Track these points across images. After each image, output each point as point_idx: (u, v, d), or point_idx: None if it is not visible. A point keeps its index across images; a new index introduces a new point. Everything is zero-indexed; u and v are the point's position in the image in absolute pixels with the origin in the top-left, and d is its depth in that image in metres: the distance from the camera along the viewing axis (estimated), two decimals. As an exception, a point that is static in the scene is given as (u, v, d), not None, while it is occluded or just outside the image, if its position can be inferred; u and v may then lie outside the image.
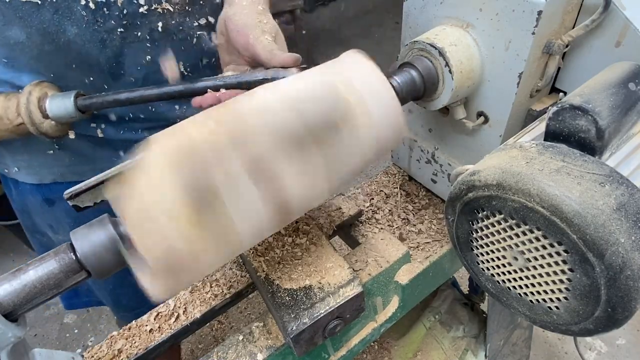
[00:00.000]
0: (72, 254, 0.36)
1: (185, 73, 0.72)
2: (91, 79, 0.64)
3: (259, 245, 0.56)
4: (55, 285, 0.35)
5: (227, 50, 0.62)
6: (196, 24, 0.70)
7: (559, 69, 0.53)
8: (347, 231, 0.70)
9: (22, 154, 0.71)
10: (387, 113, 0.43)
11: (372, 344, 0.99)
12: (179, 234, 0.33)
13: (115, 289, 0.89)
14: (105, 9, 0.60)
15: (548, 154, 0.35)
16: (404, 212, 0.72)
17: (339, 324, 0.50)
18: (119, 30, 0.62)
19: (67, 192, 0.42)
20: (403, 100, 0.49)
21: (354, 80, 0.42)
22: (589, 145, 0.38)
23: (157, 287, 0.35)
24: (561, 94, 0.54)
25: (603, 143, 0.37)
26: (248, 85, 0.49)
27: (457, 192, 0.39)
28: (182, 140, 0.36)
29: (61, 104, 0.59)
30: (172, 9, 0.65)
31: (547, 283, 0.36)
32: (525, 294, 0.39)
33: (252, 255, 0.55)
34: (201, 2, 0.69)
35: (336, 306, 0.49)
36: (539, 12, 0.43)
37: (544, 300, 0.37)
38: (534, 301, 0.38)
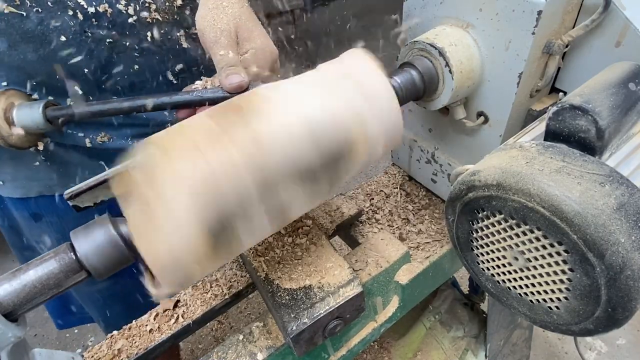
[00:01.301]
0: (72, 253, 0.36)
1: (175, 81, 0.71)
2: (75, 88, 0.62)
3: (259, 245, 0.56)
4: (55, 285, 0.35)
5: None
6: (184, 32, 0.69)
7: (559, 69, 0.53)
8: (347, 231, 0.70)
9: (6, 166, 0.68)
10: (387, 115, 0.43)
11: (372, 344, 0.99)
12: (195, 262, 0.36)
13: (104, 306, 0.86)
14: (94, 20, 0.59)
15: (548, 154, 0.35)
16: (404, 212, 0.72)
17: (339, 324, 0.50)
18: (107, 40, 0.61)
19: (67, 192, 0.42)
20: (403, 100, 0.49)
21: (361, 92, 0.43)
22: (589, 145, 0.38)
23: (161, 293, 0.37)
24: (561, 94, 0.54)
25: (603, 143, 0.37)
26: (214, 102, 0.49)
27: (457, 192, 0.39)
28: (201, 166, 0.35)
29: (29, 114, 0.55)
30: (160, 19, 0.65)
31: (547, 283, 0.36)
32: (525, 294, 0.39)
33: (252, 255, 0.55)
34: (188, 11, 0.68)
35: (336, 306, 0.49)
36: (539, 12, 0.43)
37: (544, 300, 0.37)
38: (534, 301, 0.38)
